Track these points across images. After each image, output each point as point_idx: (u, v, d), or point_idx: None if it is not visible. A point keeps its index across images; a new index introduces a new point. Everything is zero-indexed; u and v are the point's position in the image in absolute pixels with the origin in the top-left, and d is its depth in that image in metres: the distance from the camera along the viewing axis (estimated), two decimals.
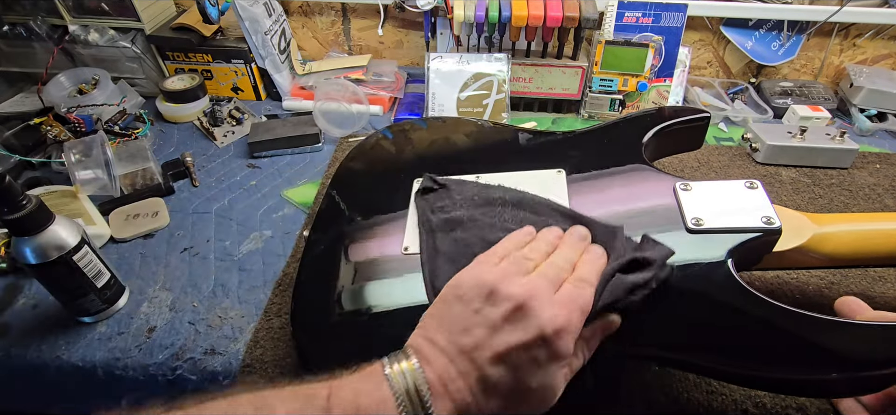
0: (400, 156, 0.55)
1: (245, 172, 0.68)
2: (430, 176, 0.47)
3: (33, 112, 0.74)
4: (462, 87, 0.74)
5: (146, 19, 0.79)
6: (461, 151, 0.54)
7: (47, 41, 0.78)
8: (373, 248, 0.44)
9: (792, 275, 0.51)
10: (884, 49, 0.86)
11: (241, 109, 0.79)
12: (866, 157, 0.69)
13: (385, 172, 0.53)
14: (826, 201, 0.61)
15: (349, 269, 0.43)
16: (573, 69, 0.76)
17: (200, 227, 0.59)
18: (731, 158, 0.69)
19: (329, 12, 0.91)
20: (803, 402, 0.40)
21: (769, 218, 0.38)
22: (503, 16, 0.71)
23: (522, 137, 0.53)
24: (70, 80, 0.77)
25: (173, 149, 0.73)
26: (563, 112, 0.81)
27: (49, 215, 0.41)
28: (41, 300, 0.49)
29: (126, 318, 0.48)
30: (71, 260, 0.42)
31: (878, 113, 0.78)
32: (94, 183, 0.61)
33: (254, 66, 0.81)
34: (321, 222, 0.49)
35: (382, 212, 0.47)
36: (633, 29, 0.76)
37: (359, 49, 0.95)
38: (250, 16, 0.74)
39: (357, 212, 0.48)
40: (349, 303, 0.40)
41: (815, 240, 0.40)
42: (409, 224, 0.45)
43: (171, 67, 0.82)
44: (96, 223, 0.56)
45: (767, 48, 0.84)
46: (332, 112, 0.73)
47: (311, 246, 0.46)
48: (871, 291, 0.49)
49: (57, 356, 0.45)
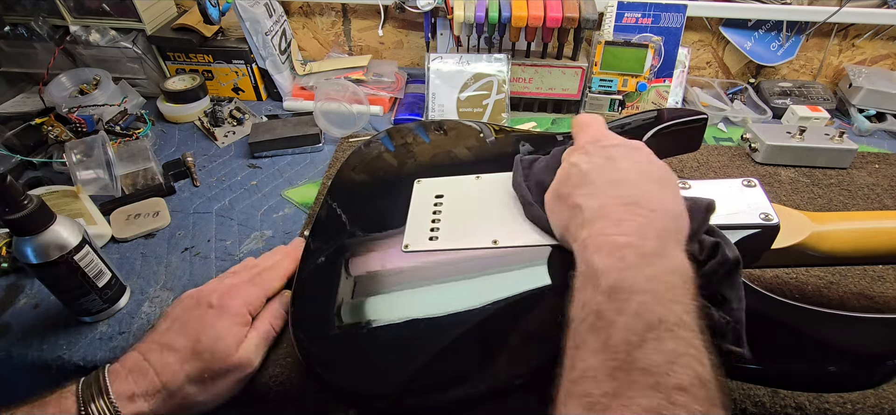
0: (399, 159, 0.55)
1: (246, 172, 0.68)
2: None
3: (35, 112, 0.75)
4: (462, 88, 0.74)
5: (147, 20, 0.79)
6: (461, 153, 0.54)
7: (48, 42, 0.78)
8: (373, 249, 0.44)
9: (791, 274, 0.51)
10: (883, 49, 0.86)
11: (242, 109, 0.79)
12: (865, 157, 0.69)
13: (384, 176, 0.53)
14: (825, 201, 0.61)
15: (349, 275, 0.42)
16: (573, 69, 0.76)
17: (201, 227, 0.59)
18: (730, 158, 0.69)
19: (329, 13, 0.91)
20: (802, 401, 0.40)
21: (767, 215, 0.38)
22: (503, 16, 0.71)
23: (523, 149, 0.53)
24: (71, 80, 0.77)
25: (174, 149, 0.73)
26: (563, 112, 0.81)
27: (50, 215, 0.41)
28: (42, 300, 0.49)
29: (127, 317, 0.48)
30: (72, 260, 0.42)
31: (877, 113, 0.79)
32: (96, 183, 0.61)
33: (254, 67, 0.81)
34: (319, 230, 0.48)
35: (382, 216, 0.47)
36: (632, 29, 0.76)
37: (359, 49, 0.95)
38: (251, 16, 0.74)
39: (355, 218, 0.48)
40: (350, 307, 0.40)
41: (814, 237, 0.40)
42: (409, 222, 0.45)
43: (172, 68, 0.82)
44: (97, 223, 0.56)
45: (766, 49, 0.84)
46: (333, 112, 0.73)
47: (310, 255, 0.46)
48: (870, 290, 0.49)
49: (58, 356, 0.45)
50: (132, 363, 0.36)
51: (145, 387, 0.35)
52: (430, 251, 0.42)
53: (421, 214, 0.46)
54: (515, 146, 0.53)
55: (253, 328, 0.40)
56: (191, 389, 0.36)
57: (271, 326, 0.41)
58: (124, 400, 0.34)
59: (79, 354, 0.45)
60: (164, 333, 0.37)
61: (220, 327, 0.37)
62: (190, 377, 0.36)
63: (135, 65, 0.81)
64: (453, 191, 0.48)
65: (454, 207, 0.46)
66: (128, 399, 0.34)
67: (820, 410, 0.39)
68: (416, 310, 0.38)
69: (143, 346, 0.37)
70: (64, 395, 0.34)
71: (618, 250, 0.29)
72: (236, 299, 0.39)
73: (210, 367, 0.36)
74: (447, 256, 0.42)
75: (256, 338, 0.39)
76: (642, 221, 0.30)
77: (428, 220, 0.45)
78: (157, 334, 0.38)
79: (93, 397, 0.34)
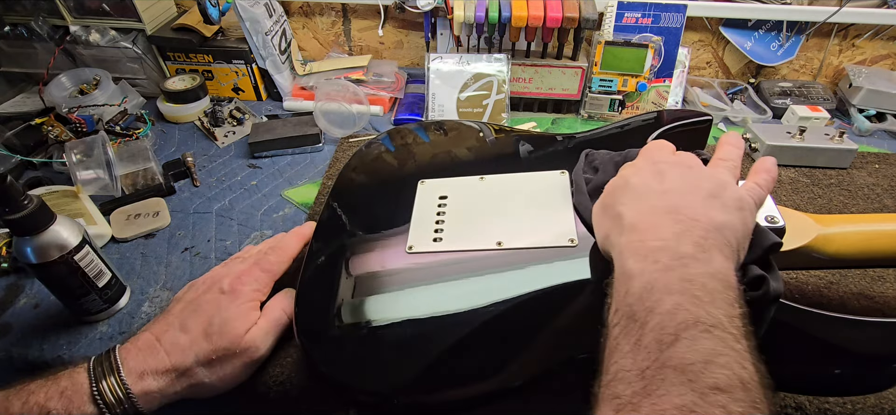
0: (402, 160, 0.55)
1: (246, 172, 0.68)
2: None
3: (35, 112, 0.75)
4: (462, 88, 0.74)
5: (147, 20, 0.79)
6: (464, 153, 0.54)
7: (48, 42, 0.78)
8: (376, 248, 0.44)
9: (791, 275, 0.51)
10: (883, 49, 0.86)
11: (242, 109, 0.79)
12: (865, 157, 0.69)
13: (387, 177, 0.53)
14: (825, 201, 0.61)
15: (352, 273, 0.43)
16: (573, 69, 0.76)
17: (201, 227, 0.59)
18: None
19: (329, 13, 0.91)
20: (802, 401, 0.40)
21: (773, 217, 0.38)
22: (503, 16, 0.71)
23: (523, 149, 0.53)
24: (71, 80, 0.77)
25: (174, 149, 0.73)
26: (563, 112, 0.81)
27: (50, 215, 0.41)
28: (42, 300, 0.49)
29: (127, 317, 0.48)
30: (72, 260, 0.42)
31: (877, 113, 0.79)
32: (96, 183, 0.61)
33: (254, 67, 0.81)
34: (322, 232, 0.48)
35: (385, 215, 0.47)
36: (632, 29, 0.76)
37: (359, 49, 0.95)
38: (251, 16, 0.74)
39: (359, 219, 0.48)
40: (353, 306, 0.40)
41: (820, 240, 0.40)
42: (413, 224, 0.45)
43: (172, 68, 0.82)
44: (97, 223, 0.56)
45: (766, 49, 0.84)
46: (333, 112, 0.73)
47: (314, 257, 0.46)
48: (870, 290, 0.49)
49: (58, 356, 0.45)
50: (144, 343, 0.37)
51: (156, 366, 0.36)
52: (434, 253, 0.42)
53: (425, 216, 0.46)
54: (517, 146, 0.53)
55: (263, 316, 0.40)
56: (200, 370, 0.37)
57: (283, 312, 0.42)
58: (135, 377, 0.35)
59: (79, 354, 0.45)
60: (177, 315, 0.39)
61: (232, 312, 0.38)
62: (199, 359, 0.37)
63: (135, 65, 0.81)
64: (457, 192, 0.48)
65: (458, 209, 0.46)
66: (138, 377, 0.35)
67: (820, 410, 0.39)
68: (420, 310, 0.38)
69: (156, 327, 0.38)
70: (76, 371, 0.35)
71: (652, 254, 0.29)
72: (247, 286, 0.40)
73: (219, 349, 0.37)
74: (451, 257, 0.42)
75: (266, 325, 0.40)
76: (681, 228, 0.30)
77: (432, 221, 0.45)
78: (170, 317, 0.39)
79: (104, 374, 0.35)
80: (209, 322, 0.38)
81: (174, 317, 0.39)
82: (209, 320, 0.38)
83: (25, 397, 0.32)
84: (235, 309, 0.39)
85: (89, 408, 0.33)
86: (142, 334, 0.38)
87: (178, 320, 0.38)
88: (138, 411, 0.35)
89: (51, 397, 0.33)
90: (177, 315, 0.39)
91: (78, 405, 0.33)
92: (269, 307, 0.41)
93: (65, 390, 0.33)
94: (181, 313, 0.39)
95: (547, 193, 0.46)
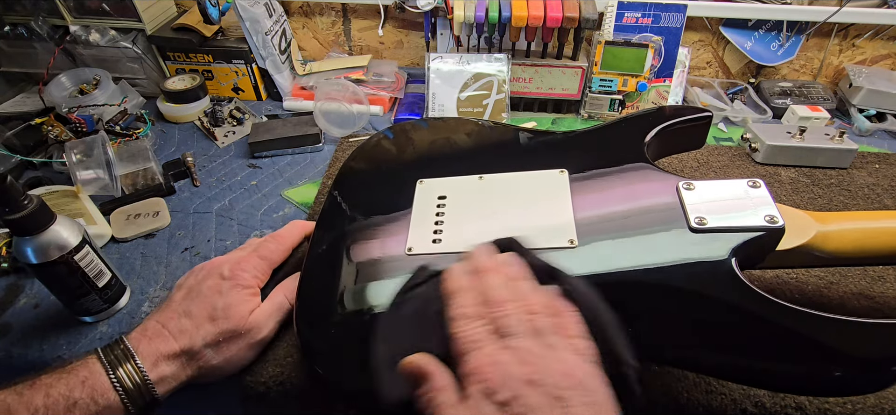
0: (402, 156, 0.55)
1: (246, 171, 0.68)
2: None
3: (34, 112, 0.75)
4: (462, 88, 0.74)
5: (147, 20, 0.79)
6: (463, 151, 0.54)
7: (48, 41, 0.78)
8: (375, 248, 0.44)
9: (791, 274, 0.51)
10: (883, 49, 0.86)
11: (242, 109, 0.79)
12: (865, 157, 0.69)
13: (387, 173, 0.53)
14: (825, 201, 0.61)
15: (351, 269, 0.43)
16: (573, 69, 0.76)
17: (201, 227, 0.59)
18: (730, 158, 0.69)
19: (329, 13, 0.91)
20: (802, 401, 0.40)
21: (772, 216, 0.38)
22: (503, 16, 0.71)
23: (523, 136, 0.53)
24: (71, 80, 0.77)
25: (174, 149, 0.73)
26: (563, 112, 0.81)
27: (50, 215, 0.41)
28: (42, 300, 0.49)
29: (127, 317, 0.48)
30: (72, 260, 0.42)
31: (878, 113, 0.78)
32: (96, 183, 0.61)
33: (254, 67, 0.81)
34: (324, 222, 0.49)
35: (385, 212, 0.47)
36: (632, 29, 0.76)
37: (359, 49, 0.95)
38: (251, 16, 0.74)
39: (359, 212, 0.48)
40: (352, 303, 0.40)
41: (819, 238, 0.40)
42: (412, 225, 0.45)
43: (172, 68, 0.82)
44: (97, 223, 0.56)
45: (767, 48, 0.84)
46: (333, 112, 0.73)
47: (314, 245, 0.46)
48: (870, 290, 0.49)
49: (58, 356, 0.45)
50: (152, 330, 0.38)
51: (166, 351, 0.37)
52: (433, 255, 0.42)
53: (424, 217, 0.46)
54: (516, 142, 0.53)
55: (267, 299, 0.42)
56: (208, 352, 0.38)
57: (285, 297, 0.43)
58: (149, 364, 0.36)
59: (79, 353, 0.45)
60: (181, 301, 0.40)
61: (233, 295, 0.40)
62: (206, 341, 0.38)
63: (135, 65, 0.81)
64: (456, 191, 0.48)
65: (457, 209, 0.46)
66: (152, 363, 0.36)
67: (820, 410, 0.39)
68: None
69: (161, 315, 0.39)
70: (88, 361, 0.35)
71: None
72: (246, 271, 0.42)
73: (225, 331, 0.38)
74: (451, 258, 0.42)
75: (270, 307, 0.42)
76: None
77: (431, 222, 0.45)
78: (173, 304, 0.40)
79: (118, 362, 0.35)
80: (213, 306, 0.39)
81: (177, 304, 0.40)
82: (212, 304, 0.39)
83: (46, 391, 0.32)
84: (236, 294, 0.40)
85: (112, 396, 0.34)
86: (147, 322, 0.39)
87: (181, 306, 0.39)
88: (155, 397, 0.36)
89: (73, 387, 0.33)
90: (180, 302, 0.40)
91: (101, 393, 0.34)
92: (273, 292, 0.43)
93: (85, 379, 0.34)
94: (184, 299, 0.40)
95: (546, 193, 0.46)
